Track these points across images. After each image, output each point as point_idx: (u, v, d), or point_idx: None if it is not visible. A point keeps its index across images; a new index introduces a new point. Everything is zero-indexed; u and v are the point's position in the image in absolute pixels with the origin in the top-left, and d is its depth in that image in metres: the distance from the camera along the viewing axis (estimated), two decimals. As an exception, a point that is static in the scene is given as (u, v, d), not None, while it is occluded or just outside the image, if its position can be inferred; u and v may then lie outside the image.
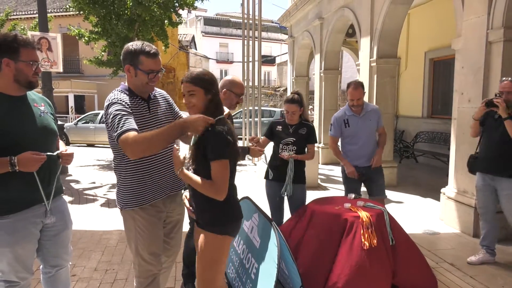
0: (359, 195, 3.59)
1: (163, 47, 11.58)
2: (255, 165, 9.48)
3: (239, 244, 2.99)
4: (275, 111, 17.45)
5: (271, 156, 3.69)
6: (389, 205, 3.70)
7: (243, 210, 3.05)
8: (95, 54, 11.70)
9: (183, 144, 2.53)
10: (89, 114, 15.56)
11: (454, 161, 4.81)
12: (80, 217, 5.15)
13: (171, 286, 3.26)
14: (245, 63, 11.01)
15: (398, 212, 5.26)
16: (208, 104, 2.01)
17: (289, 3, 12.49)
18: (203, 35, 39.56)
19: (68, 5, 11.20)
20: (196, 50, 34.60)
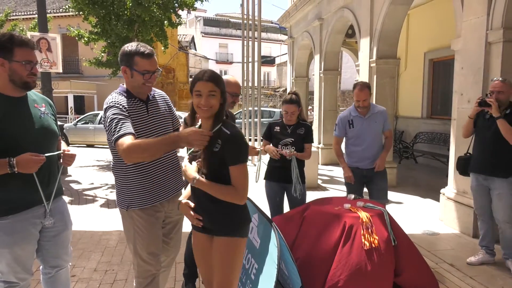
0: (361, 197, 3.59)
1: (162, 48, 11.57)
2: (255, 165, 9.48)
3: (239, 244, 2.98)
4: (274, 112, 17.44)
5: (270, 157, 3.69)
6: (388, 206, 3.70)
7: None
8: (94, 55, 11.69)
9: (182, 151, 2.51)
10: (88, 114, 15.55)
11: (454, 161, 4.81)
12: (79, 217, 5.15)
13: (171, 287, 3.25)
14: (245, 64, 11.01)
15: (397, 212, 5.26)
16: (221, 107, 1.93)
17: (288, 4, 12.50)
18: (203, 36, 39.59)
19: (67, 6, 11.19)
20: (196, 50, 34.62)
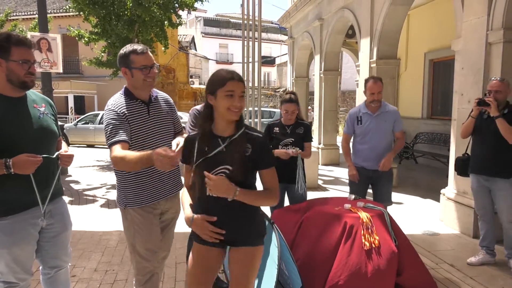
0: (363, 198, 3.58)
1: (162, 48, 11.57)
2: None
3: (239, 244, 2.98)
4: (275, 112, 17.43)
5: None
6: (389, 206, 3.70)
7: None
8: (95, 55, 11.70)
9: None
10: (89, 114, 15.55)
11: (454, 162, 4.81)
12: (79, 217, 5.14)
13: (171, 287, 3.25)
14: (245, 64, 11.01)
15: (398, 213, 5.26)
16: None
17: (289, 4, 12.50)
18: (203, 36, 39.59)
19: (68, 6, 11.19)
20: (196, 51, 34.63)
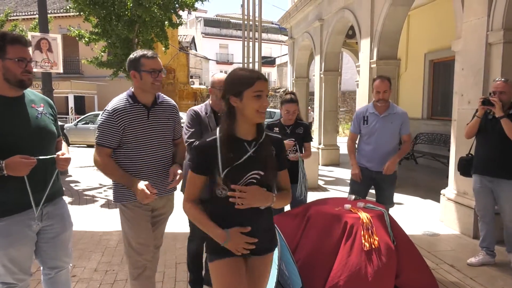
0: (359, 197, 3.58)
1: (163, 48, 11.56)
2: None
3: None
4: (275, 112, 17.44)
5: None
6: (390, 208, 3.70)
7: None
8: (95, 55, 11.70)
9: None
10: (89, 114, 15.56)
11: (454, 162, 4.81)
12: (80, 218, 5.15)
13: (172, 287, 3.26)
14: (245, 64, 11.01)
15: (398, 213, 5.26)
16: None
17: (289, 5, 12.51)
18: (203, 36, 39.59)
19: (68, 6, 11.19)
20: (196, 51, 34.63)
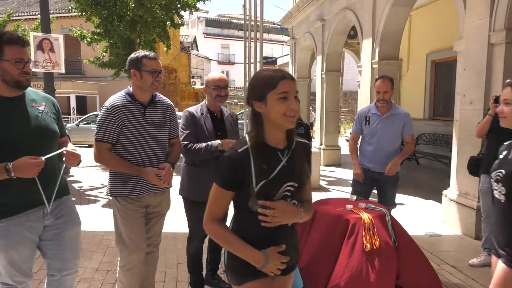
0: (361, 198, 3.58)
1: (165, 48, 11.58)
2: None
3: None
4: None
5: None
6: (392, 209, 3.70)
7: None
8: (97, 55, 11.71)
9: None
10: (91, 114, 15.56)
11: (456, 163, 4.80)
12: (81, 217, 5.14)
13: (173, 287, 3.26)
14: (247, 65, 11.01)
15: (399, 214, 5.24)
16: None
17: (291, 5, 12.50)
18: (205, 37, 39.60)
19: (70, 6, 11.22)
20: (198, 51, 34.64)
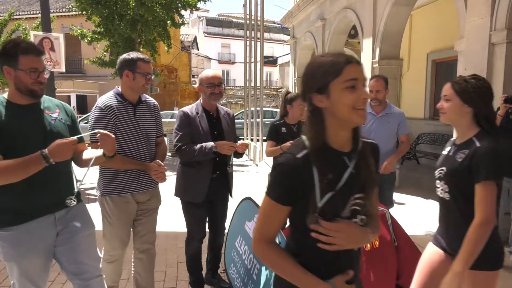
0: None
1: (165, 48, 11.60)
2: (257, 165, 9.47)
3: (241, 244, 2.99)
4: (276, 112, 17.45)
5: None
6: (390, 208, 3.69)
7: (244, 211, 3.07)
8: (97, 54, 11.72)
9: None
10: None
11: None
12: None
13: (173, 287, 3.26)
14: (247, 64, 11.02)
15: (399, 213, 5.24)
16: None
17: (291, 4, 12.50)
18: (205, 36, 39.62)
19: (71, 5, 11.24)
20: (198, 50, 34.66)
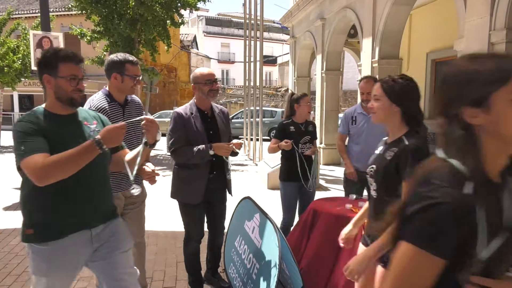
0: (360, 197, 3.58)
1: (165, 47, 11.59)
2: (256, 165, 9.48)
3: (241, 244, 2.99)
4: (276, 112, 17.46)
5: (287, 158, 3.59)
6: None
7: (244, 210, 3.07)
8: (96, 54, 11.72)
9: None
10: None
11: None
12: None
13: (172, 286, 3.26)
14: (247, 63, 11.02)
15: (399, 213, 5.25)
16: None
17: (291, 4, 12.49)
18: (205, 35, 39.59)
19: (70, 5, 11.23)
20: (198, 50, 34.65)
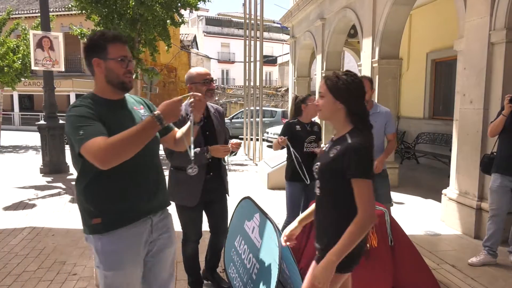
0: None
1: (165, 47, 11.59)
2: (256, 164, 9.48)
3: (241, 244, 2.99)
4: (276, 111, 17.45)
5: (293, 158, 3.53)
6: (390, 207, 3.70)
7: (244, 210, 3.07)
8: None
9: None
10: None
11: (456, 162, 4.80)
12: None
13: (172, 286, 3.26)
14: (247, 63, 11.02)
15: (399, 213, 5.25)
16: None
17: (291, 4, 12.49)
18: (205, 35, 39.58)
19: (70, 5, 11.22)
20: (198, 50, 34.64)
